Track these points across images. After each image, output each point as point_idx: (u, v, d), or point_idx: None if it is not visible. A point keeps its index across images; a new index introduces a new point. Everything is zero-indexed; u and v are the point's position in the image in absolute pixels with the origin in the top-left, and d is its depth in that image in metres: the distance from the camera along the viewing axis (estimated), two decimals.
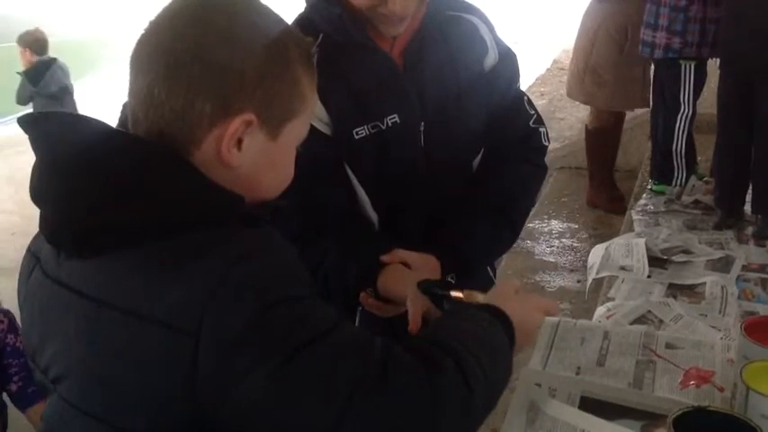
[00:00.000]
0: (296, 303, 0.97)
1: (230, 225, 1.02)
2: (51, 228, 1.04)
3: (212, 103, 1.01)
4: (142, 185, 0.99)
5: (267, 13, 1.09)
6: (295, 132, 1.12)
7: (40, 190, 1.03)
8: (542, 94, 8.67)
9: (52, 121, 1.05)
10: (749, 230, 3.68)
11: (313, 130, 1.59)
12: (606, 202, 5.15)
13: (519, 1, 14.80)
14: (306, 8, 1.66)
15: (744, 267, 3.30)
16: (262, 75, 1.03)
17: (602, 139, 5.06)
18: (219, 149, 1.03)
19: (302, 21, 1.66)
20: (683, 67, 4.10)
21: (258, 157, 1.07)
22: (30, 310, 1.11)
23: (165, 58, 1.01)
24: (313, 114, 1.17)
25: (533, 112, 1.81)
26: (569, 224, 5.05)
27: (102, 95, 8.47)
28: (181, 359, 0.93)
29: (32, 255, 1.12)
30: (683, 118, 4.17)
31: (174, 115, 1.02)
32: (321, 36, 1.61)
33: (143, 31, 1.05)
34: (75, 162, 1.00)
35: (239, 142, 1.04)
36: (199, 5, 1.05)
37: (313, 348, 0.95)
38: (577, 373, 1.69)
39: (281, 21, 1.11)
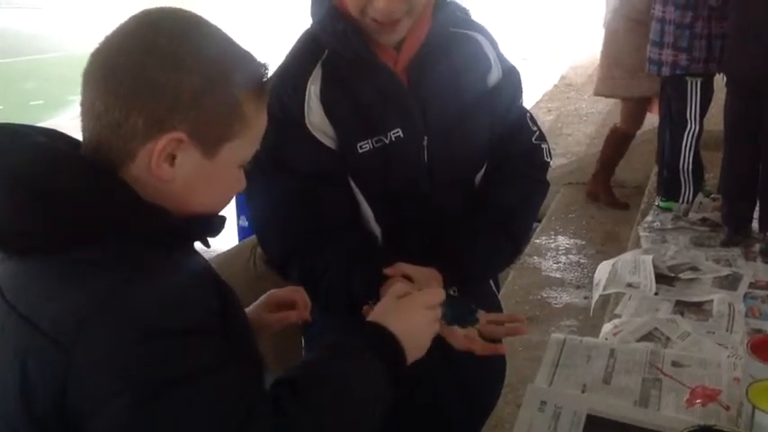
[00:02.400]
0: (176, 337, 0.97)
1: (145, 240, 1.04)
2: None
3: (145, 120, 1.04)
4: (60, 191, 1.02)
5: (217, 36, 1.12)
6: (236, 152, 1.13)
7: None
8: (550, 110, 8.70)
9: None
10: (756, 247, 3.68)
11: (317, 143, 1.60)
12: (606, 195, 5.29)
13: (527, 18, 14.84)
14: (312, 24, 1.67)
15: (751, 284, 3.30)
16: (197, 96, 1.06)
17: (626, 140, 5.18)
18: (150, 164, 1.06)
19: (308, 36, 1.67)
20: (689, 83, 4.10)
21: (193, 173, 1.09)
22: None
23: (107, 73, 1.05)
24: (259, 137, 1.18)
25: (536, 128, 1.82)
26: (576, 240, 5.03)
27: None
28: (56, 373, 0.95)
29: None
30: (690, 135, 4.17)
31: (110, 129, 1.05)
32: (327, 51, 1.62)
33: (96, 47, 1.09)
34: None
35: (172, 158, 1.07)
36: (148, 26, 1.08)
37: (179, 390, 0.95)
38: (583, 391, 1.69)
39: (231, 45, 1.13)
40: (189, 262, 1.11)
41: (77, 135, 1.12)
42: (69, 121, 8.65)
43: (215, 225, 1.18)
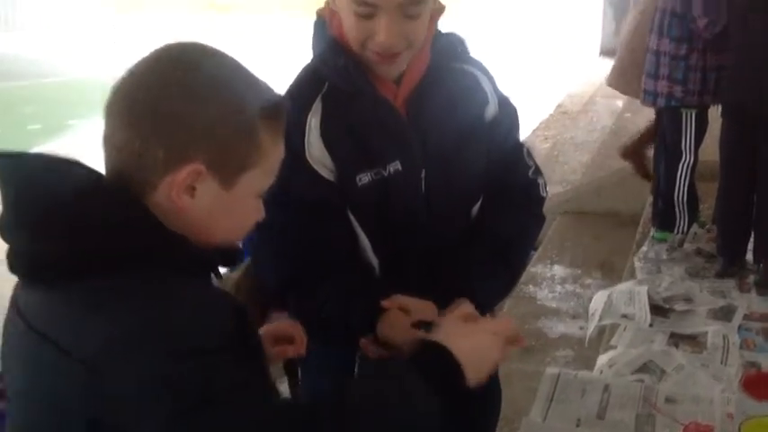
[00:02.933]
0: (205, 356, 1.00)
1: (167, 267, 1.07)
2: (11, 257, 1.09)
3: (164, 151, 1.07)
4: (85, 220, 1.05)
5: (233, 68, 1.15)
6: (253, 182, 1.16)
7: (3, 222, 1.09)
8: (546, 138, 8.71)
9: (20, 159, 1.11)
10: (751, 279, 3.69)
11: (317, 175, 1.62)
12: (640, 162, 5.19)
13: (524, 47, 14.93)
14: (313, 58, 1.69)
15: (745, 316, 3.30)
16: (213, 127, 1.08)
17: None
18: (171, 194, 1.08)
19: (309, 70, 1.69)
20: (684, 115, 4.13)
21: (212, 204, 1.12)
22: (4, 335, 1.16)
23: (127, 106, 1.08)
24: (276, 168, 1.21)
25: (532, 163, 1.84)
26: (572, 269, 5.03)
27: None
28: (91, 399, 0.98)
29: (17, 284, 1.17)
30: (685, 166, 4.19)
31: (131, 160, 1.08)
32: (327, 85, 1.64)
33: (118, 80, 1.11)
34: (29, 196, 1.07)
35: (192, 189, 1.09)
36: (167, 59, 1.12)
37: (211, 407, 0.98)
38: (578, 425, 1.69)
39: (248, 76, 1.15)
40: (209, 287, 1.14)
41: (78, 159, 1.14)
42: (69, 146, 8.67)
43: (233, 256, 1.22)
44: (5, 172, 1.09)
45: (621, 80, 4.83)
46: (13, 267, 1.09)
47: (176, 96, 1.07)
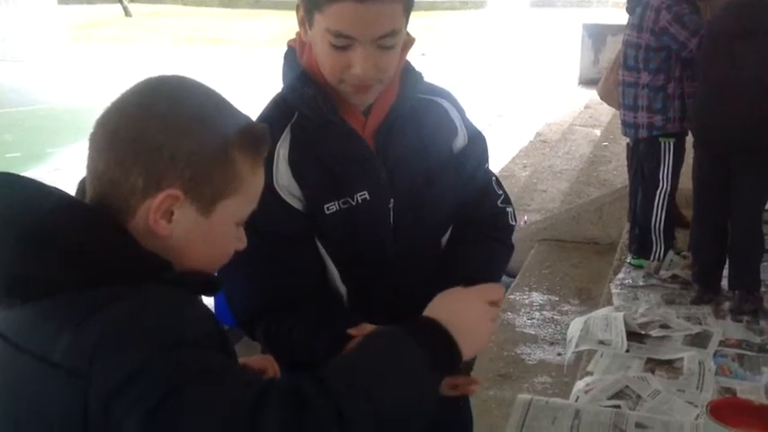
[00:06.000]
0: (178, 350, 1.01)
1: (150, 284, 1.08)
2: None
3: (144, 178, 1.10)
4: (65, 240, 1.07)
5: (213, 100, 1.18)
6: (231, 210, 1.18)
7: None
8: (525, 166, 8.78)
9: (3, 178, 1.13)
10: (726, 306, 3.72)
11: (285, 204, 1.62)
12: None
13: (503, 75, 15.06)
14: (282, 88, 1.70)
15: (721, 343, 3.34)
16: (192, 156, 1.11)
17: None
18: (148, 219, 1.11)
19: (279, 100, 1.70)
20: (662, 144, 4.18)
21: (189, 230, 1.14)
22: None
23: (110, 135, 1.12)
24: (256, 197, 1.23)
25: (501, 192, 1.85)
26: (550, 296, 5.05)
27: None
28: (77, 403, 0.99)
29: None
30: (662, 193, 4.23)
31: (111, 186, 1.11)
32: (296, 114, 1.65)
33: (102, 112, 1.15)
34: (4, 216, 1.09)
35: (170, 214, 1.12)
36: (149, 90, 1.16)
37: (185, 395, 0.97)
38: None
39: (227, 108, 1.19)
40: (193, 299, 1.15)
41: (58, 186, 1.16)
42: (47, 174, 8.62)
43: (212, 285, 1.22)
44: None
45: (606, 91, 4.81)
46: None
47: (158, 128, 1.10)
